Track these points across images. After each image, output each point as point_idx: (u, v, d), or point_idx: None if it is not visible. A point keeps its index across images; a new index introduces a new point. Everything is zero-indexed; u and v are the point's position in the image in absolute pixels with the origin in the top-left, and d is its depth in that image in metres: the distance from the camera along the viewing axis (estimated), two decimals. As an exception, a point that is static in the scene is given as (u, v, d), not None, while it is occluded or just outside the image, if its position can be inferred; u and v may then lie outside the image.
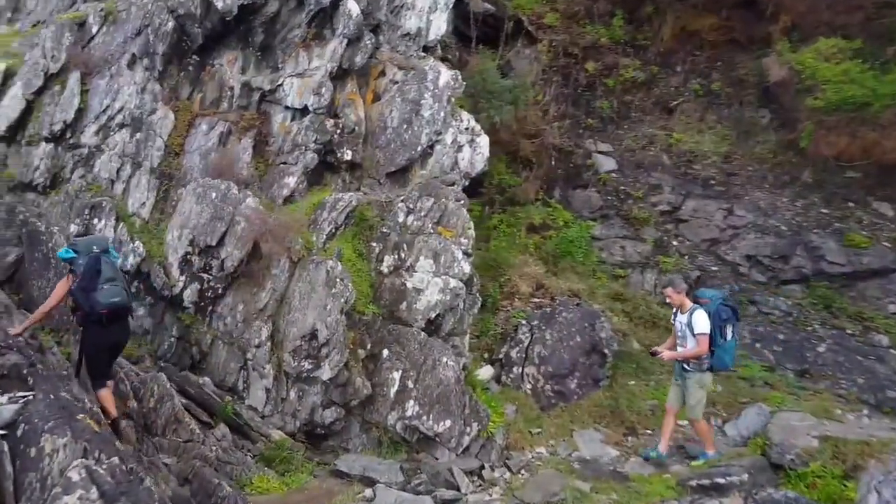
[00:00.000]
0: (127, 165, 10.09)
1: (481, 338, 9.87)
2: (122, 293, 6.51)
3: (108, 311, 6.40)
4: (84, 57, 10.83)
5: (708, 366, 7.45)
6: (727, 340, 7.46)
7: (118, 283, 6.53)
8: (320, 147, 9.64)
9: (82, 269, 6.43)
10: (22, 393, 4.94)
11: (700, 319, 7.30)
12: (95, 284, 6.37)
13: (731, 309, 7.58)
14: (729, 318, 7.48)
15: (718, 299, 7.56)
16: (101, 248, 6.65)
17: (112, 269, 6.57)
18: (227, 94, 10.63)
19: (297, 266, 8.93)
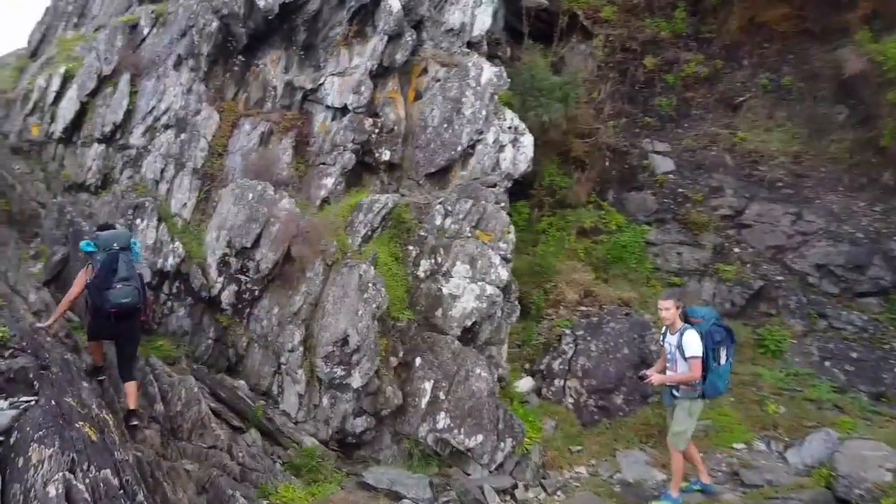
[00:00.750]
0: (170, 166, 10.12)
1: (522, 347, 9.41)
2: (133, 293, 6.59)
3: (116, 310, 6.53)
4: (134, 59, 10.98)
5: (700, 392, 6.65)
6: (721, 365, 6.64)
7: (131, 283, 6.61)
8: (358, 147, 9.39)
9: (99, 266, 6.54)
10: (26, 398, 4.85)
11: (691, 341, 6.51)
12: (110, 283, 6.48)
13: (725, 330, 6.77)
14: (723, 340, 6.67)
15: (711, 319, 6.75)
16: (121, 245, 6.74)
17: (128, 268, 6.66)
18: (271, 93, 10.54)
19: (331, 269, 8.72)
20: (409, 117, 9.74)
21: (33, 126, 11.97)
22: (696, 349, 6.48)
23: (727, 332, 6.78)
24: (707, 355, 6.53)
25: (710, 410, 8.53)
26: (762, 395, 8.86)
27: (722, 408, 8.57)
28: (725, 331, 6.75)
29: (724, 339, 6.69)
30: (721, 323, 6.81)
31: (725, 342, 6.69)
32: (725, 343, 6.69)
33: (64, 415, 4.67)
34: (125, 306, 6.55)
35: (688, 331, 6.58)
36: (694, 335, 6.53)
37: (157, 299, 9.40)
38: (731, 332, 6.87)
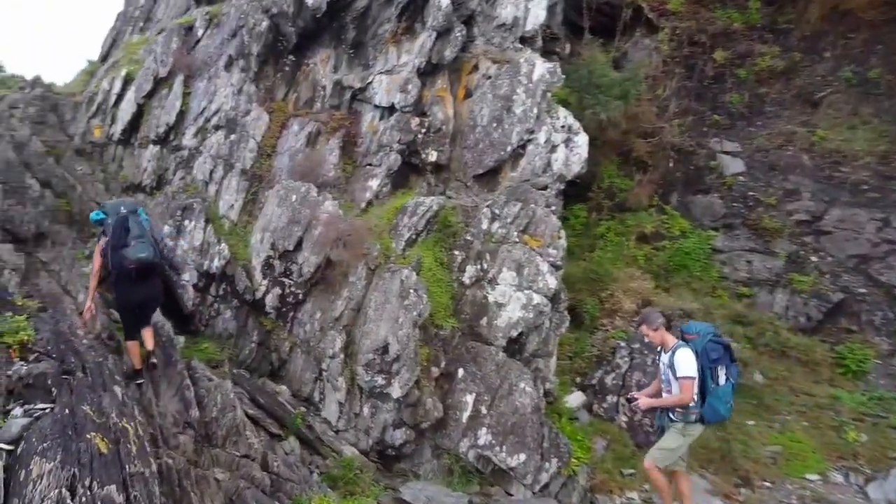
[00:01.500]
0: (219, 167, 10.08)
1: (573, 359, 8.87)
2: (149, 249, 6.67)
3: (135, 266, 6.60)
4: (188, 60, 11.01)
5: (696, 416, 6.00)
6: (720, 385, 6.00)
7: (146, 241, 6.69)
8: (404, 148, 9.07)
9: (111, 228, 6.70)
10: (42, 405, 4.74)
11: (683, 360, 5.90)
12: (125, 241, 6.60)
13: (723, 347, 6.09)
14: (720, 359, 6.01)
15: (708, 335, 6.08)
16: (129, 209, 6.88)
17: (140, 227, 6.75)
18: (320, 93, 10.37)
19: (374, 274, 8.44)
20: (458, 116, 9.35)
21: (95, 128, 12.22)
22: (687, 369, 5.87)
23: (725, 349, 6.11)
24: (704, 375, 5.95)
25: (780, 435, 7.81)
26: (840, 420, 8.05)
27: (793, 433, 7.83)
28: (724, 348, 6.09)
29: (722, 357, 6.04)
30: (719, 339, 6.14)
31: (724, 360, 6.04)
32: (724, 361, 6.04)
33: (76, 425, 4.52)
34: (143, 261, 6.62)
35: (680, 349, 5.97)
36: (686, 353, 5.92)
37: (203, 301, 9.36)
38: (729, 349, 6.19)
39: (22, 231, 9.21)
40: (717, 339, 6.07)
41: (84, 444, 4.35)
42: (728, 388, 6.03)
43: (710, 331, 6.14)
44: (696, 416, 5.98)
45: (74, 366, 5.58)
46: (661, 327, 6.16)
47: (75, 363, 5.64)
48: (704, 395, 5.96)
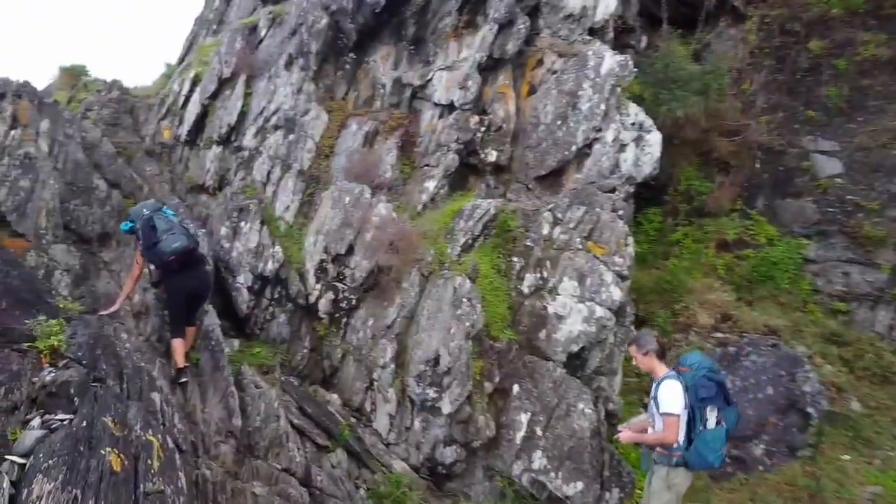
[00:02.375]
0: (277, 168, 9.90)
1: (642, 377, 8.13)
2: (181, 238, 6.84)
3: (174, 256, 6.79)
4: (250, 60, 10.92)
5: (680, 459, 5.19)
6: (709, 429, 5.16)
7: (176, 231, 6.88)
8: (461, 147, 8.61)
9: (141, 232, 6.97)
10: (63, 416, 4.53)
11: (667, 394, 5.15)
12: (156, 238, 6.82)
13: (716, 385, 5.25)
14: (711, 398, 5.18)
15: (703, 369, 5.26)
16: (151, 209, 7.12)
17: (166, 221, 6.97)
18: (380, 91, 10.05)
19: (427, 280, 8.02)
20: (521, 114, 8.81)
21: (165, 129, 12.35)
22: (670, 404, 5.13)
23: (719, 388, 5.26)
24: (693, 415, 5.17)
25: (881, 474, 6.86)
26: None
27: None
28: (717, 386, 5.25)
29: (714, 397, 5.21)
30: (714, 376, 5.29)
31: (716, 401, 5.22)
32: (716, 402, 5.22)
33: (91, 439, 4.28)
34: (180, 249, 6.79)
35: (666, 380, 5.22)
36: (671, 387, 5.17)
37: (258, 304, 9.19)
38: (724, 387, 5.33)
39: (86, 231, 9.28)
40: (711, 375, 5.26)
41: (96, 460, 4.10)
42: (719, 433, 5.23)
43: (706, 365, 5.34)
44: (678, 458, 5.20)
45: (106, 373, 5.40)
46: (651, 353, 5.41)
47: (107, 370, 5.45)
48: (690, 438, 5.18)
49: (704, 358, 5.56)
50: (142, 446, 4.72)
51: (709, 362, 5.43)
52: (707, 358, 5.61)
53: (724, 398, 5.29)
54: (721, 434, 5.23)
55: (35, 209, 7.42)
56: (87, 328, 5.94)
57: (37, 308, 5.52)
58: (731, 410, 5.36)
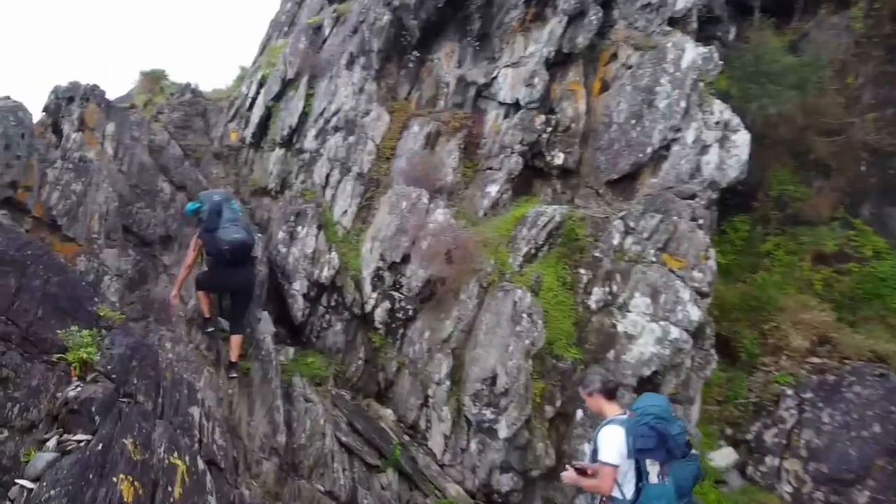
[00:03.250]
0: (336, 170, 9.58)
1: (724, 406, 7.32)
2: (242, 232, 6.89)
3: (230, 247, 6.80)
4: (313, 60, 10.67)
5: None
6: (652, 483, 4.44)
7: (239, 224, 6.95)
8: (525, 149, 8.00)
9: (206, 214, 7.00)
10: (79, 437, 4.26)
11: (605, 441, 4.54)
12: (218, 224, 6.86)
13: (658, 435, 4.43)
14: (650, 451, 4.44)
15: (648, 416, 4.49)
16: (221, 196, 7.21)
17: (233, 212, 7.02)
18: (444, 90, 9.55)
19: (486, 292, 7.47)
20: (592, 113, 8.11)
21: (232, 132, 12.32)
22: (605, 452, 4.50)
23: (660, 439, 4.43)
24: (638, 466, 4.49)
25: None
26: None
27: None
28: (658, 437, 4.43)
29: (654, 450, 4.44)
30: (657, 425, 4.45)
31: (655, 453, 4.45)
32: (655, 455, 4.46)
33: (105, 464, 3.97)
34: (237, 242, 6.81)
35: (608, 426, 4.63)
36: (610, 433, 4.55)
37: (314, 311, 8.88)
38: (665, 439, 4.44)
39: (147, 234, 9.23)
40: (654, 423, 4.48)
41: (105, 489, 3.79)
42: (664, 489, 4.52)
43: (653, 411, 4.54)
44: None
45: (137, 388, 5.12)
46: (596, 393, 4.85)
47: (139, 384, 5.18)
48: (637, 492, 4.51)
49: (657, 402, 4.77)
50: (163, 471, 4.41)
51: (658, 409, 4.62)
52: (661, 402, 4.80)
53: (664, 448, 4.49)
54: (667, 491, 4.53)
55: (87, 213, 7.35)
56: (128, 337, 5.72)
57: (75, 317, 5.34)
58: (683, 465, 4.64)
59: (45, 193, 7.00)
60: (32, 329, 4.94)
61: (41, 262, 5.41)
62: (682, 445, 4.59)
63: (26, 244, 5.47)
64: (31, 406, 4.26)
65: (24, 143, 6.79)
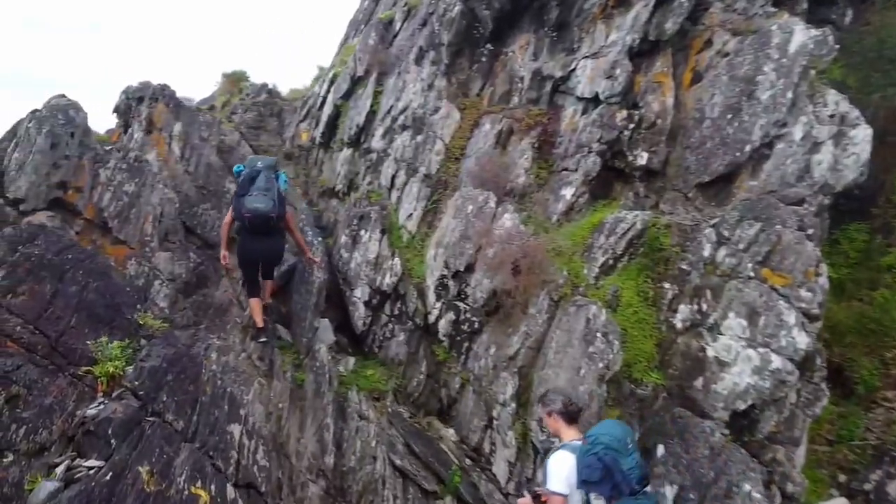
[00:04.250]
0: (402, 171, 9.08)
1: (836, 447, 6.26)
2: (267, 202, 6.78)
3: (250, 215, 6.78)
4: (382, 56, 10.24)
5: None
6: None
7: (268, 194, 6.81)
8: (604, 148, 7.21)
9: (241, 179, 6.99)
10: (91, 462, 3.90)
11: (552, 469, 4.42)
12: (247, 190, 6.82)
13: (604, 468, 4.15)
14: (595, 483, 4.16)
15: (598, 445, 4.21)
16: (264, 165, 7.09)
17: (267, 182, 6.91)
18: (518, 86, 8.87)
19: (557, 306, 6.74)
20: (681, 107, 7.21)
21: (303, 132, 12.10)
22: (552, 481, 4.38)
23: (607, 471, 4.13)
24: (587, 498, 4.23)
25: None
26: None
27: None
28: (604, 469, 4.14)
29: (599, 483, 4.14)
30: (605, 456, 4.15)
31: (600, 487, 4.15)
32: (600, 489, 4.15)
33: (113, 497, 3.59)
34: (258, 211, 6.76)
35: (559, 451, 4.51)
36: (559, 460, 4.42)
37: (376, 320, 8.42)
38: (612, 472, 4.13)
39: (212, 236, 9.03)
40: (603, 454, 4.16)
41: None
42: None
43: (603, 441, 4.21)
44: None
45: (166, 406, 4.76)
46: (555, 414, 4.71)
47: (169, 402, 4.82)
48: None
49: (612, 430, 4.38)
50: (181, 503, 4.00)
51: (609, 438, 4.25)
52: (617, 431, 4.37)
53: (615, 486, 4.14)
54: None
55: (140, 215, 7.14)
56: (168, 348, 5.40)
57: (112, 326, 5.06)
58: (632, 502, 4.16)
59: (97, 194, 6.84)
60: (63, 339, 4.67)
61: (81, 267, 5.17)
62: (632, 481, 4.17)
63: (67, 248, 5.25)
64: (40, 427, 3.94)
65: (73, 142, 6.64)
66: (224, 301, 8.03)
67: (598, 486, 4.17)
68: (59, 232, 5.74)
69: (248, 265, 7.30)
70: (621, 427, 4.52)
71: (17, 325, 4.49)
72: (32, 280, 4.74)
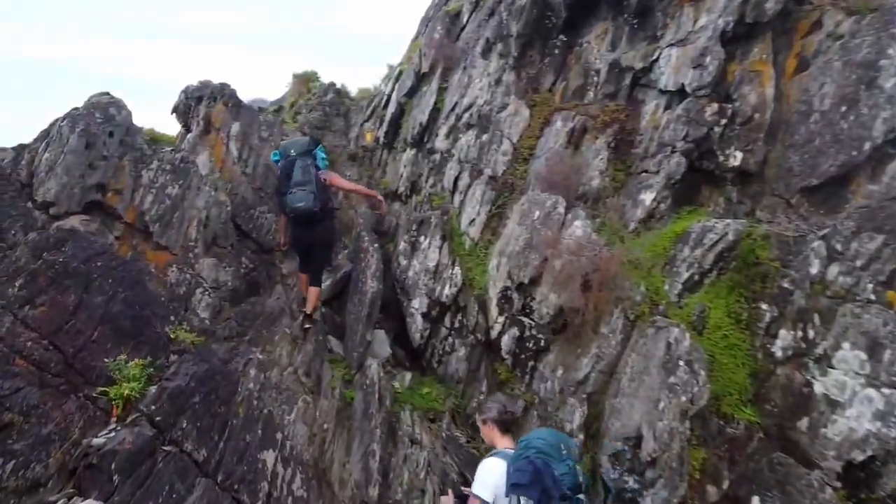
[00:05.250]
0: (466, 173, 8.44)
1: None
2: (306, 199, 6.77)
3: (293, 214, 6.94)
4: (447, 51, 9.62)
5: None
6: None
7: (306, 188, 6.78)
8: (691, 147, 6.33)
9: (279, 173, 7.06)
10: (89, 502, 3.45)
11: (481, 472, 4.21)
12: (286, 188, 6.84)
13: (534, 471, 3.87)
14: (524, 486, 3.87)
15: (531, 449, 3.98)
16: (297, 151, 7.00)
17: (303, 173, 6.84)
18: (593, 79, 8.07)
19: (634, 327, 5.94)
20: (783, 99, 6.25)
21: (367, 132, 11.64)
22: (477, 484, 4.19)
23: (537, 475, 3.89)
24: None
25: None
26: None
27: None
28: (534, 472, 3.90)
29: (528, 486, 3.88)
30: (536, 460, 3.93)
31: (529, 491, 3.88)
32: (529, 493, 3.87)
33: (104, 552, 3.13)
34: (299, 210, 6.83)
35: (491, 458, 4.35)
36: (489, 466, 4.25)
37: (435, 333, 7.84)
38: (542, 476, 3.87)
39: (268, 240, 8.66)
40: (535, 457, 3.98)
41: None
42: None
43: (535, 445, 4.04)
44: None
45: (185, 433, 4.29)
46: (490, 422, 4.61)
47: (190, 429, 4.35)
48: None
49: (546, 435, 4.22)
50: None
51: (542, 443, 4.06)
52: (550, 437, 4.20)
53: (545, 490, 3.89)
54: None
55: (184, 219, 6.77)
56: (200, 364, 4.96)
57: (138, 339, 4.65)
58: None
59: (139, 197, 6.51)
60: (81, 354, 4.28)
61: (111, 275, 4.80)
62: (564, 487, 3.93)
63: (98, 254, 4.89)
64: (34, 461, 3.52)
65: (112, 141, 6.32)
66: (275, 309, 7.60)
67: (528, 490, 3.92)
68: (92, 237, 5.41)
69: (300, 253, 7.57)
70: (557, 434, 4.36)
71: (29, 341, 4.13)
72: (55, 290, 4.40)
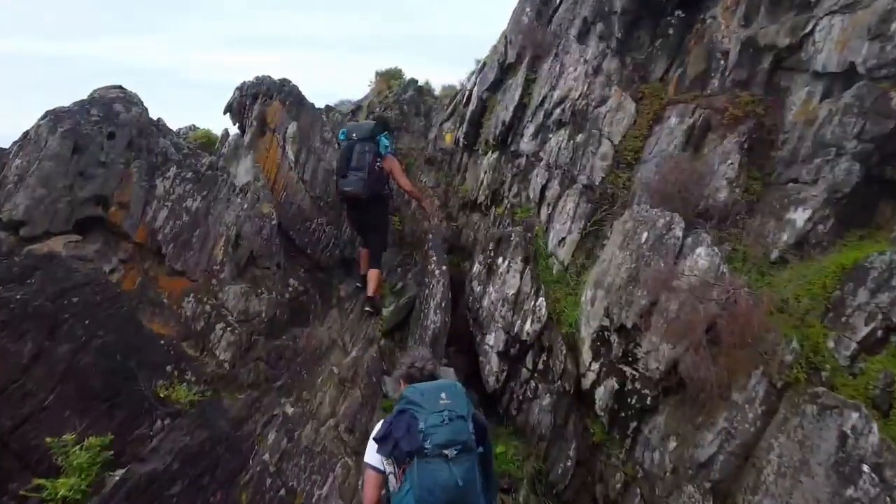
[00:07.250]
0: (554, 181, 6.95)
1: None
2: (357, 183, 6.70)
3: (343, 197, 7.03)
4: (537, 37, 8.14)
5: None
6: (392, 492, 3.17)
7: (360, 173, 6.71)
8: (867, 147, 4.58)
9: (338, 156, 7.08)
10: None
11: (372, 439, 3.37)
12: (343, 171, 6.80)
13: (409, 420, 3.06)
14: (379, 441, 3.18)
15: (401, 400, 3.19)
16: (359, 135, 6.90)
17: (360, 157, 6.76)
18: (720, 63, 6.39)
19: (781, 396, 4.30)
20: None
21: (446, 132, 10.35)
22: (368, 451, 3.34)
23: (386, 426, 3.15)
24: None
25: None
26: None
27: None
28: (386, 424, 3.17)
29: (382, 442, 3.14)
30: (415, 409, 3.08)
31: (383, 447, 3.14)
32: (383, 450, 3.14)
33: None
34: (349, 194, 6.83)
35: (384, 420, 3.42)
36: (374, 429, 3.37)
37: (514, 376, 6.44)
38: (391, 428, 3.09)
39: (324, 256, 7.54)
40: (405, 406, 3.10)
41: None
42: (404, 499, 2.99)
43: (407, 394, 3.18)
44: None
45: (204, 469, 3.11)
46: (401, 378, 3.63)
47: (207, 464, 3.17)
48: None
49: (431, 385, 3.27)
50: None
51: (414, 391, 3.18)
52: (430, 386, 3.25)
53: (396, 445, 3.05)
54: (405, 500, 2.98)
55: (208, 237, 5.62)
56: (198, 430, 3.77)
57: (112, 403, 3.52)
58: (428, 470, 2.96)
59: (151, 212, 5.41)
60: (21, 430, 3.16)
61: (88, 315, 3.70)
62: (428, 441, 3.00)
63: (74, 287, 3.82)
64: None
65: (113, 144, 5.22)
66: (324, 342, 6.41)
67: (382, 446, 3.20)
68: (76, 264, 4.36)
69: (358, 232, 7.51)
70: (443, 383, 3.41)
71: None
72: (6, 337, 3.40)
